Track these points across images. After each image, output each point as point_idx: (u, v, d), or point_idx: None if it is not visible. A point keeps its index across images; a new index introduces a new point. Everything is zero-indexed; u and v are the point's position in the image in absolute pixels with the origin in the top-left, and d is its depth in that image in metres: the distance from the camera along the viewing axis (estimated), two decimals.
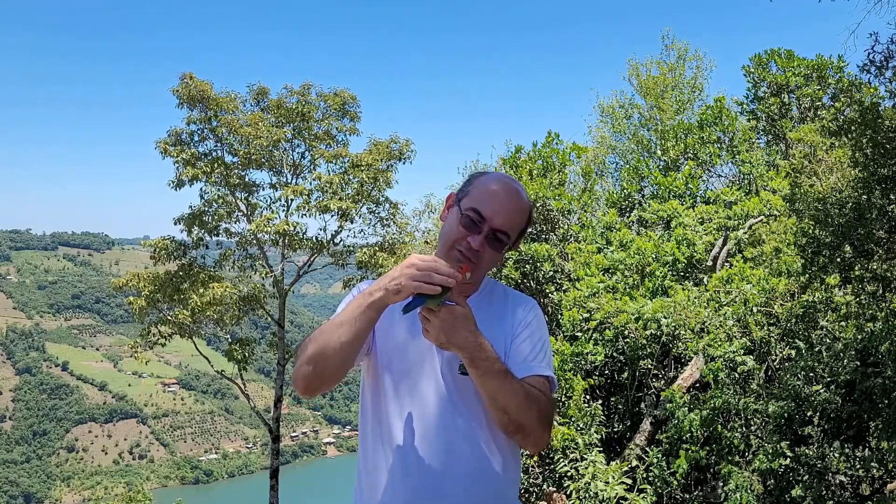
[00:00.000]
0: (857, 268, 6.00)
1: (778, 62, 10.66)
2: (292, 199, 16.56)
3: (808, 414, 6.20)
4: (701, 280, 8.28)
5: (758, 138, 11.27)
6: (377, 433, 1.78)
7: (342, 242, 17.30)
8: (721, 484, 6.69)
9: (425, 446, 1.71)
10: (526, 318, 1.82)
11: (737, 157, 10.65)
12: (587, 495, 6.02)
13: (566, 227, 9.51)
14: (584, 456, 6.35)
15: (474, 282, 1.82)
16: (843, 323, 6.43)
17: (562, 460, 6.43)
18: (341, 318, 1.65)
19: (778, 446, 5.93)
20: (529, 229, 1.94)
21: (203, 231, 16.17)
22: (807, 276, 6.45)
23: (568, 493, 6.24)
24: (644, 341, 7.06)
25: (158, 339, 16.26)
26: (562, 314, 7.76)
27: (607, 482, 5.98)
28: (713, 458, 6.43)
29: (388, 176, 16.45)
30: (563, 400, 6.77)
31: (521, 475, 6.39)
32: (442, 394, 1.73)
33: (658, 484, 6.26)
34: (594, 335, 7.31)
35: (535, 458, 6.67)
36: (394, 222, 16.97)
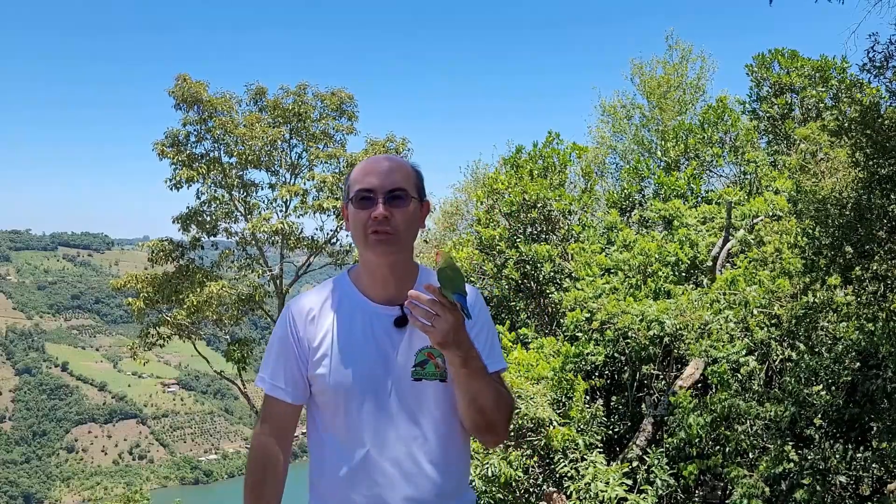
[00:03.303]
0: (857, 268, 5.99)
1: (781, 62, 10.63)
2: (289, 200, 16.56)
3: (810, 416, 6.18)
4: (702, 281, 8.26)
5: (760, 138, 11.24)
6: (333, 445, 1.75)
7: (339, 242, 17.31)
8: (721, 484, 6.68)
9: (382, 455, 1.70)
10: (473, 309, 1.77)
11: (740, 157, 10.62)
12: (587, 496, 6.01)
13: (566, 227, 9.49)
14: (585, 456, 6.33)
15: (401, 251, 1.74)
16: (843, 324, 6.42)
17: (562, 461, 6.41)
18: None
19: (782, 450, 5.91)
20: (424, 183, 1.85)
21: (201, 231, 16.17)
22: (808, 277, 6.43)
23: (568, 493, 6.22)
24: (646, 342, 7.04)
25: (157, 340, 16.25)
26: (563, 314, 7.75)
27: (608, 483, 5.97)
28: (718, 460, 6.41)
29: None
30: (563, 401, 6.76)
31: (522, 475, 6.38)
32: (396, 403, 1.71)
33: (659, 485, 6.25)
34: (594, 335, 7.29)
35: (536, 458, 6.65)
36: None
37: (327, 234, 16.98)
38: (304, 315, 1.78)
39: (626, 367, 7.55)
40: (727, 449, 6.25)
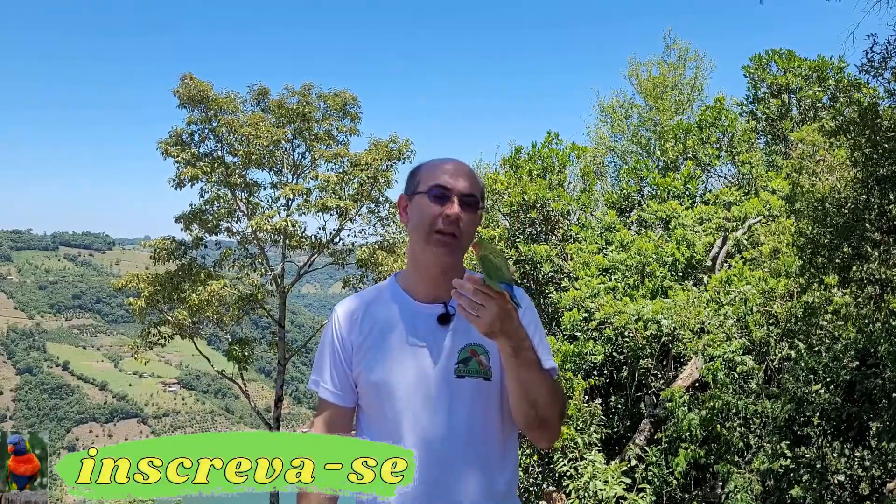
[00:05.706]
0: (854, 269, 6.01)
1: (778, 62, 10.63)
2: (292, 199, 16.58)
3: (808, 414, 6.20)
4: (700, 280, 8.28)
5: (758, 139, 11.25)
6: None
7: (341, 242, 17.32)
8: (720, 483, 6.70)
9: (422, 454, 1.66)
10: (520, 308, 1.75)
11: (736, 157, 10.64)
12: (586, 494, 6.04)
13: (565, 227, 9.52)
14: (584, 455, 6.36)
15: (457, 256, 1.74)
16: (842, 323, 6.43)
17: (561, 460, 6.44)
18: None
19: (778, 447, 5.93)
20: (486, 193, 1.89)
21: (203, 230, 16.20)
22: (805, 276, 6.45)
23: (567, 492, 6.25)
24: (644, 341, 7.07)
25: (158, 339, 16.27)
26: (562, 314, 7.78)
27: (606, 481, 5.99)
28: (712, 457, 6.44)
29: (388, 176, 16.46)
30: None
31: (522, 474, 6.41)
32: (437, 401, 1.69)
33: (657, 483, 6.28)
34: (593, 334, 7.32)
35: (535, 458, 6.68)
36: (394, 222, 16.97)
37: (330, 233, 17.00)
38: (348, 316, 1.78)
39: (624, 366, 7.58)
40: (721, 445, 6.28)
